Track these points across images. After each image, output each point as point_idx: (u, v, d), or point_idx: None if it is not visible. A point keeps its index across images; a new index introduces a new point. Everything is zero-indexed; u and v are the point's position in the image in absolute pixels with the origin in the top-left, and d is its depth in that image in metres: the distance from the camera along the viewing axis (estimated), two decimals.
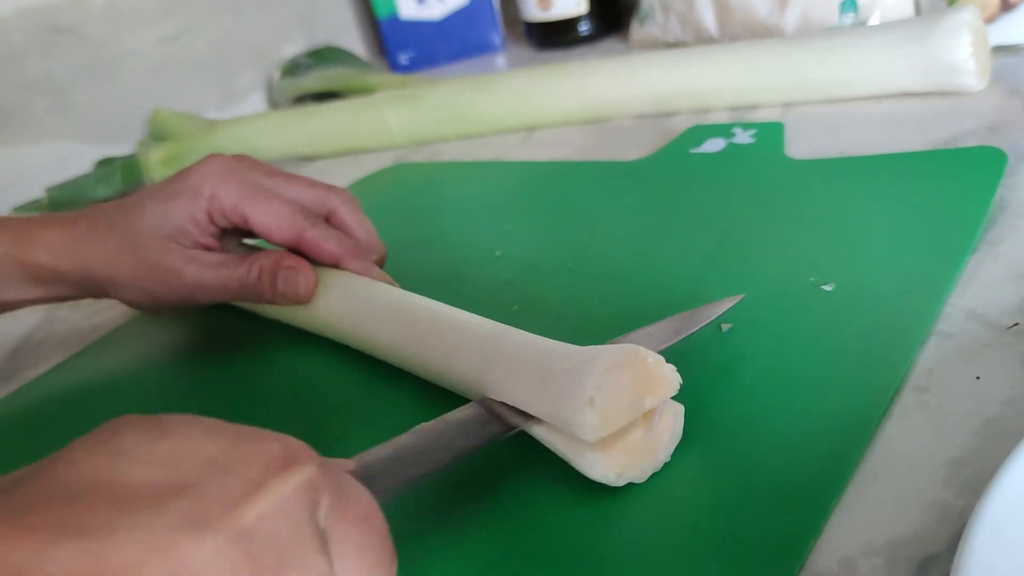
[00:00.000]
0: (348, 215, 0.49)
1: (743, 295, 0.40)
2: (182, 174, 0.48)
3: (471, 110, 0.74)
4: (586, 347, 0.34)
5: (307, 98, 0.93)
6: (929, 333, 0.38)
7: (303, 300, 0.47)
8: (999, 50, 0.62)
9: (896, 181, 0.50)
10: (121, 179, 0.80)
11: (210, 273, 0.47)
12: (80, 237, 0.48)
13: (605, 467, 0.32)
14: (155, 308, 0.49)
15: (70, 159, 0.83)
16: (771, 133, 0.59)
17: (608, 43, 0.92)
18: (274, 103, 0.97)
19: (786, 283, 0.43)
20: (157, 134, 0.85)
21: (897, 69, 0.59)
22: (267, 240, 0.48)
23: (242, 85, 0.97)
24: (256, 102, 0.98)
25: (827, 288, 0.41)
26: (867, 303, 0.40)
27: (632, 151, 0.64)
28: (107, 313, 0.60)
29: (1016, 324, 0.37)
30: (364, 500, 0.27)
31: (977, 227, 0.43)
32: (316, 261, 0.48)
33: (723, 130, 0.61)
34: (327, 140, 0.79)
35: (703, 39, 0.78)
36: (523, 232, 0.56)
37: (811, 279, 0.42)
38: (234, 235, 0.50)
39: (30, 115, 0.83)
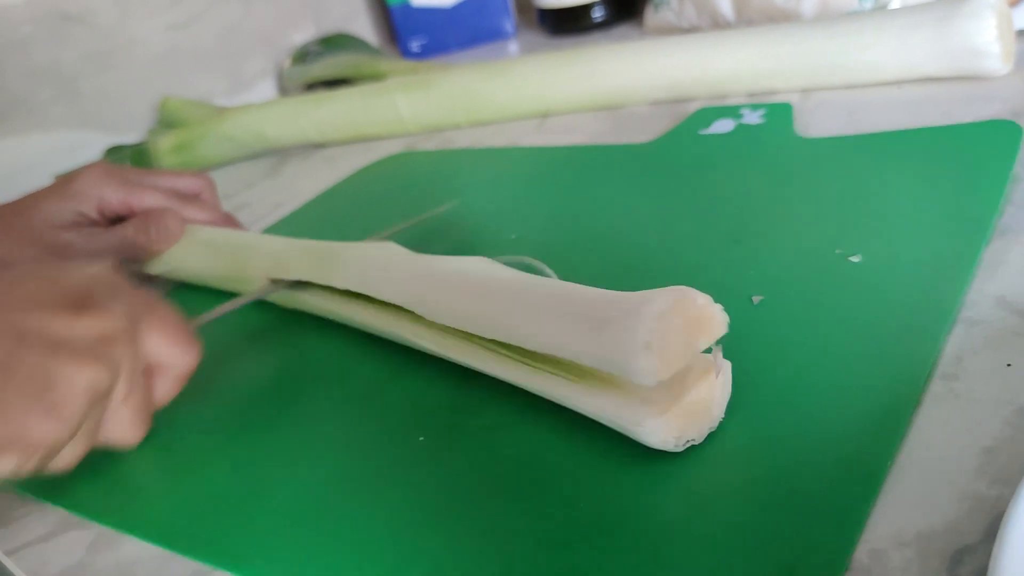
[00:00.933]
0: (211, 195, 0.62)
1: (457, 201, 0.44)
2: (68, 179, 0.57)
3: (483, 96, 0.73)
4: (634, 292, 0.34)
5: (317, 85, 0.92)
6: (959, 305, 0.37)
7: (175, 238, 0.56)
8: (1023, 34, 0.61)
9: (909, 156, 0.49)
10: (131, 166, 0.80)
11: (98, 240, 0.55)
12: None
13: (665, 432, 0.32)
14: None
15: (79, 147, 0.83)
16: (780, 113, 0.59)
17: (622, 29, 0.91)
18: (284, 90, 0.97)
19: (813, 256, 0.42)
20: (167, 122, 0.84)
21: (919, 53, 0.58)
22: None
23: (252, 72, 0.96)
24: (266, 89, 0.97)
25: (854, 259, 0.41)
26: (896, 274, 0.39)
27: (647, 137, 0.63)
28: None
29: None
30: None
31: (996, 202, 0.43)
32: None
33: (732, 111, 0.61)
34: (337, 127, 0.78)
35: (719, 25, 0.77)
36: (537, 215, 0.56)
37: (837, 251, 0.42)
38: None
39: (39, 103, 0.82)
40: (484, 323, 0.37)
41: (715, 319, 0.33)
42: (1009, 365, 0.34)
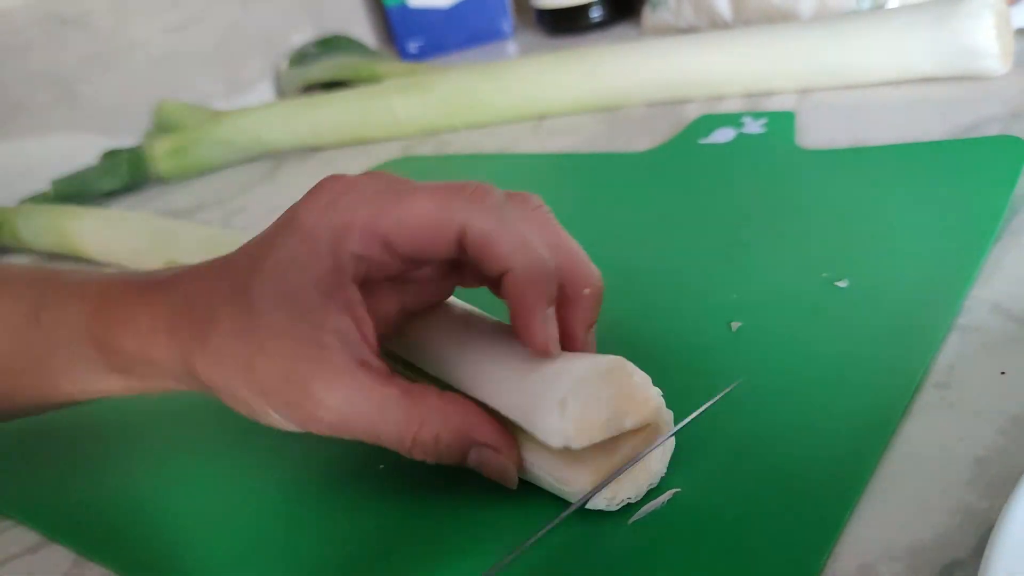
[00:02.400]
0: (541, 231, 0.33)
1: (739, 381, 0.35)
2: (287, 225, 0.32)
3: (480, 99, 0.73)
4: (572, 353, 0.32)
5: (315, 88, 0.92)
6: (949, 331, 0.36)
7: (507, 478, 0.32)
8: (1022, 33, 0.60)
9: (911, 172, 0.48)
10: (127, 171, 0.80)
11: (360, 407, 0.30)
12: (175, 317, 0.33)
13: (596, 497, 0.30)
14: (297, 430, 0.32)
15: (76, 151, 0.82)
16: (782, 123, 0.58)
17: (620, 29, 0.91)
18: (282, 93, 0.96)
19: (798, 280, 0.41)
20: (163, 125, 0.84)
21: (917, 53, 0.58)
22: (424, 257, 0.32)
23: (250, 75, 0.96)
24: (264, 92, 0.97)
25: (841, 285, 0.40)
26: (883, 300, 0.38)
27: (644, 139, 0.62)
28: None
29: None
30: None
31: (997, 219, 0.42)
32: (487, 273, 0.32)
33: (733, 119, 0.60)
34: (334, 130, 0.78)
35: (717, 25, 0.76)
36: None
37: (823, 275, 0.41)
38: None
39: (36, 107, 0.82)
40: (427, 359, 0.35)
41: (648, 402, 0.31)
42: (1003, 373, 0.33)
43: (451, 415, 0.31)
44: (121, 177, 0.80)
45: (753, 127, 0.58)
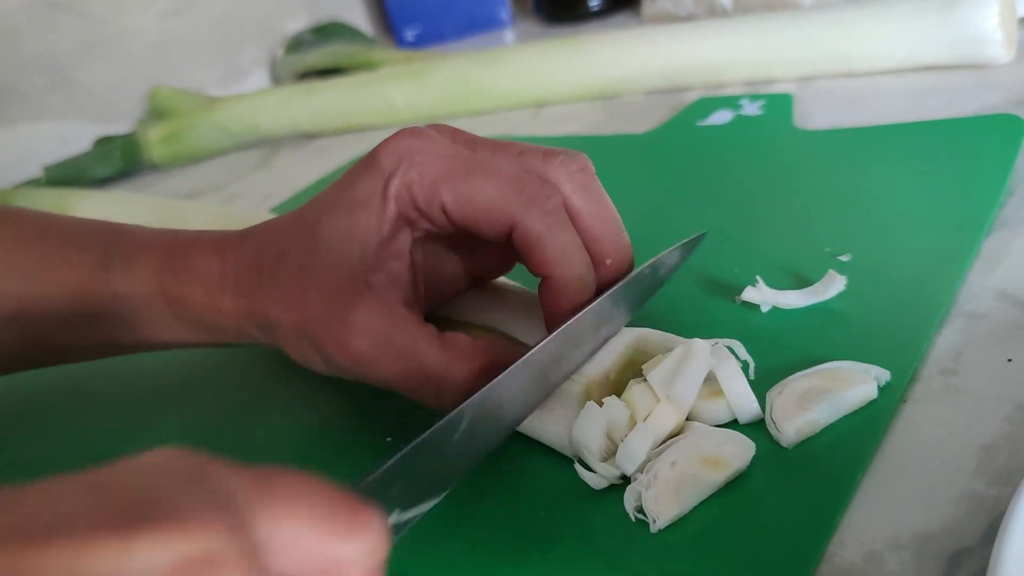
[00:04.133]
0: (574, 194, 0.34)
1: (705, 232, 0.37)
2: (367, 164, 0.33)
3: (479, 86, 0.72)
4: None
5: (311, 75, 0.91)
6: (952, 302, 0.36)
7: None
8: None
9: (909, 151, 0.48)
10: (121, 158, 0.79)
11: (395, 340, 0.32)
12: (244, 267, 0.35)
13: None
14: (331, 371, 0.34)
15: (69, 138, 0.82)
16: (780, 104, 0.58)
17: (619, 18, 0.90)
18: (277, 80, 0.96)
19: (801, 254, 0.41)
20: (157, 112, 0.83)
21: (920, 41, 0.57)
22: (477, 234, 0.33)
23: (245, 62, 0.95)
24: (259, 79, 0.96)
25: (844, 259, 0.40)
26: (886, 274, 0.39)
27: (643, 127, 0.62)
28: None
29: None
30: None
31: (997, 195, 0.42)
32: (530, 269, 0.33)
33: (731, 102, 0.60)
34: (330, 117, 0.77)
35: (716, 13, 0.76)
36: None
37: (827, 250, 0.41)
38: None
39: (29, 93, 0.81)
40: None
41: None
42: (1010, 360, 0.33)
43: (483, 351, 0.32)
44: (115, 164, 0.79)
45: (751, 109, 0.58)
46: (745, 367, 0.33)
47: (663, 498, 0.29)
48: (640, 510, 0.30)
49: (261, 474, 0.20)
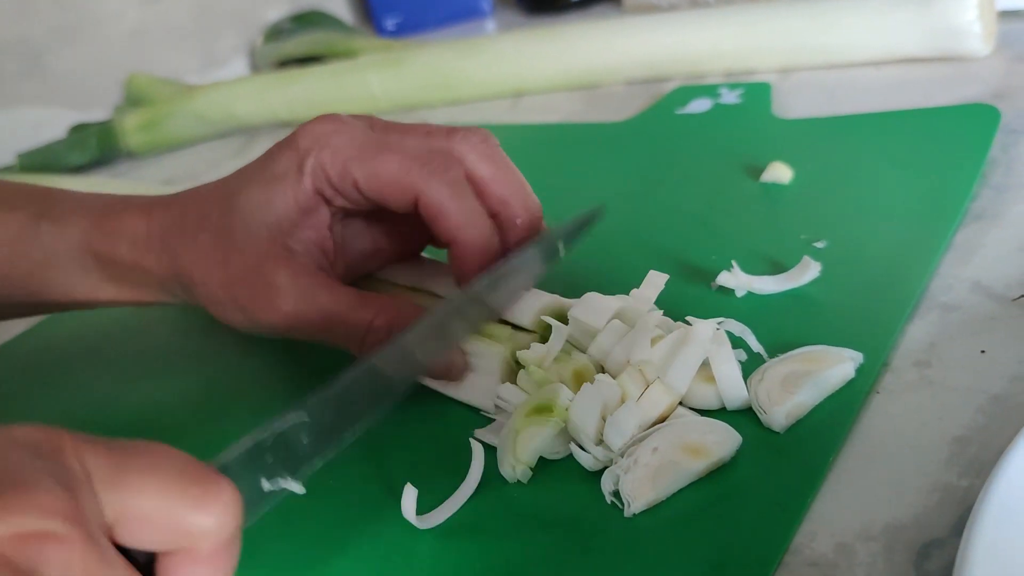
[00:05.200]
0: (479, 163, 0.36)
1: (602, 204, 0.39)
2: (287, 143, 0.37)
3: (457, 75, 0.72)
4: None
5: (290, 63, 0.90)
6: (924, 289, 0.36)
7: (453, 379, 0.36)
8: (1005, 15, 0.59)
9: (885, 139, 0.49)
10: (96, 145, 0.78)
11: (319, 299, 0.35)
12: (169, 227, 0.38)
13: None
14: (251, 328, 0.37)
15: (44, 124, 0.80)
16: (758, 93, 0.58)
17: (600, 8, 0.89)
18: (256, 68, 0.94)
19: (777, 241, 0.42)
20: (133, 99, 0.82)
21: (899, 33, 0.57)
22: (388, 207, 0.36)
23: (224, 50, 0.94)
24: (238, 67, 0.95)
25: (819, 245, 0.40)
26: (861, 261, 0.39)
27: (622, 117, 0.61)
28: None
29: (1023, 296, 0.35)
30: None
31: (971, 185, 0.42)
32: (436, 237, 0.36)
33: (710, 90, 0.60)
34: (309, 106, 0.76)
35: (697, 3, 0.75)
36: None
37: (802, 237, 0.41)
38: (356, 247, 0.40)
39: (2, 78, 0.80)
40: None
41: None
42: (983, 352, 0.33)
43: (403, 305, 0.36)
44: (90, 151, 0.78)
45: (730, 97, 0.58)
46: (753, 355, 0.33)
47: (639, 483, 0.29)
48: (617, 494, 0.29)
49: (116, 448, 0.21)
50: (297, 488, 0.26)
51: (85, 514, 0.20)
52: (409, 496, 0.31)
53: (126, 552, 0.22)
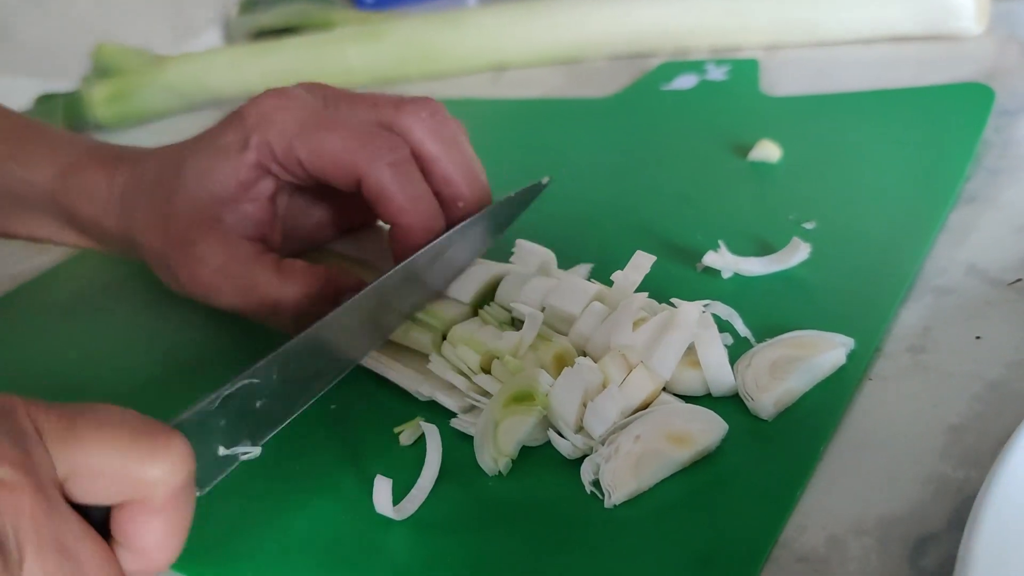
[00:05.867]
0: (425, 139, 0.36)
1: (549, 177, 0.39)
2: (235, 117, 0.37)
3: (437, 47, 0.70)
4: None
5: (266, 35, 0.88)
6: (918, 272, 0.35)
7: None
8: None
9: (876, 118, 0.48)
10: (63, 117, 0.75)
11: (233, 269, 0.35)
12: (127, 188, 0.39)
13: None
14: (184, 294, 0.38)
15: (8, 94, 0.77)
16: (746, 70, 0.56)
17: None
18: (231, 40, 0.92)
19: (765, 221, 0.41)
20: (102, 69, 0.79)
21: (891, 10, 0.56)
22: (333, 184, 0.36)
23: (197, 20, 0.92)
24: (212, 38, 0.92)
25: (808, 226, 0.39)
26: (851, 242, 0.38)
27: (606, 93, 0.60)
28: (38, 258, 0.56)
29: (1019, 280, 0.34)
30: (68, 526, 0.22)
31: (964, 165, 0.41)
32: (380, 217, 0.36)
33: (695, 66, 0.58)
34: (285, 78, 0.73)
35: None
36: (489, 171, 0.53)
37: (791, 217, 0.40)
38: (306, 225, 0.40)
39: None
40: None
41: None
42: (979, 337, 0.32)
43: (319, 271, 0.36)
44: (56, 123, 0.75)
45: (716, 74, 0.57)
46: (740, 339, 0.32)
47: (621, 472, 0.28)
48: (597, 484, 0.28)
49: (67, 409, 0.23)
50: (253, 452, 0.27)
51: (36, 466, 0.21)
52: (382, 488, 0.29)
53: (81, 510, 0.23)
